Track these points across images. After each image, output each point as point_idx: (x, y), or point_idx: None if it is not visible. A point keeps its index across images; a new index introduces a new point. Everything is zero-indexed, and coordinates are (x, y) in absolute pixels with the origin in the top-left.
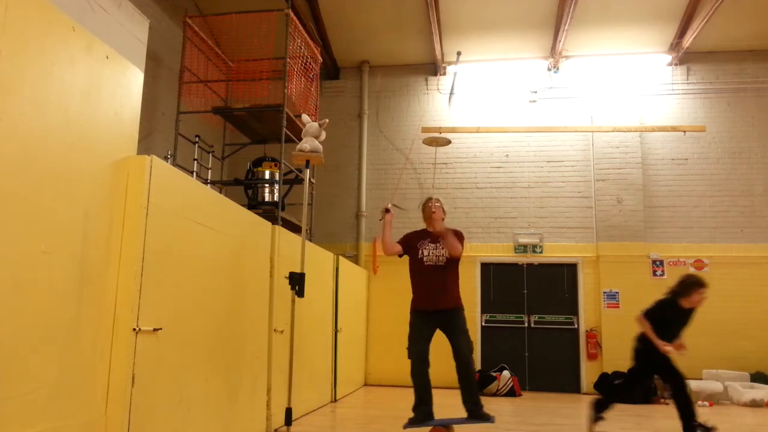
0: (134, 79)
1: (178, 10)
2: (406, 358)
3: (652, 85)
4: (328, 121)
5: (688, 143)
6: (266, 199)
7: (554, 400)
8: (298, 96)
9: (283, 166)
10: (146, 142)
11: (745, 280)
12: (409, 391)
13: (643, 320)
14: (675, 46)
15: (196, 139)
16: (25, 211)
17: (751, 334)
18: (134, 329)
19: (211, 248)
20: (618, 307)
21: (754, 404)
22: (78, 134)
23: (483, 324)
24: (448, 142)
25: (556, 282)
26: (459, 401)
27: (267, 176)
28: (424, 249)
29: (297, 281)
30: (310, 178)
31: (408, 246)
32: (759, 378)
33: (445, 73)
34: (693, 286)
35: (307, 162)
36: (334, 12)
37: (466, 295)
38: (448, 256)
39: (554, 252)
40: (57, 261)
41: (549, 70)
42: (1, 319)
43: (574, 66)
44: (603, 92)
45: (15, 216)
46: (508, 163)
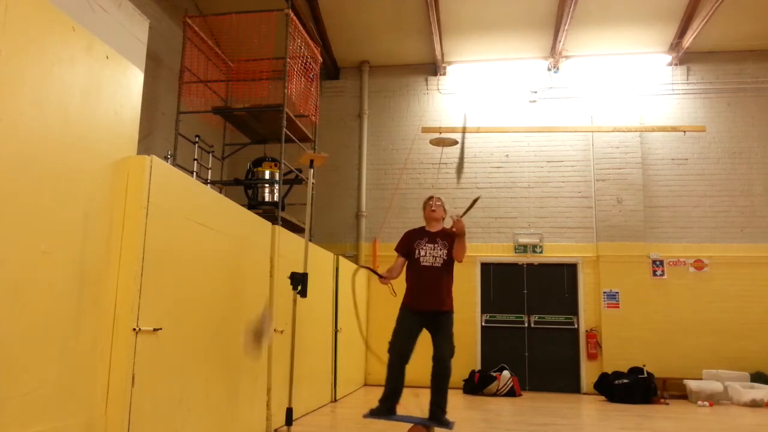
0: (134, 79)
1: (178, 10)
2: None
3: (652, 85)
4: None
5: (688, 143)
6: (266, 199)
7: (554, 400)
8: (298, 96)
9: (283, 166)
10: (146, 142)
11: (745, 280)
12: (409, 392)
13: None
14: (675, 46)
15: (196, 139)
16: (25, 211)
17: (751, 334)
18: (134, 329)
19: (211, 248)
20: (618, 307)
21: (754, 404)
22: (78, 134)
23: (483, 324)
24: (455, 143)
25: (556, 282)
26: (453, 402)
27: (267, 176)
28: (422, 249)
29: (299, 281)
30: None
31: (407, 248)
32: (759, 378)
33: (445, 73)
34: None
35: (311, 162)
36: (334, 12)
37: (466, 295)
38: (445, 258)
39: (554, 252)
40: (57, 261)
41: (549, 70)
42: (1, 319)
43: (574, 66)
44: (603, 92)
45: (15, 216)
46: (508, 163)
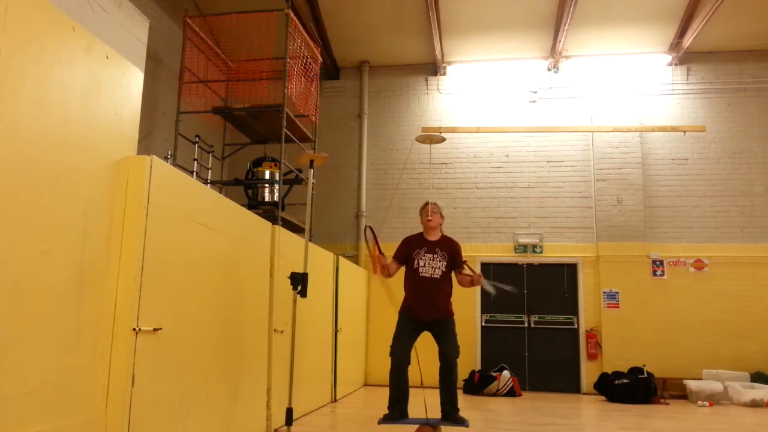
0: (134, 79)
1: (178, 10)
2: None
3: (652, 85)
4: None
5: (688, 143)
6: (266, 199)
7: (554, 400)
8: (298, 96)
9: (283, 166)
10: (146, 142)
11: (745, 280)
12: (418, 391)
13: None
14: (675, 46)
15: (196, 139)
16: (25, 211)
17: (751, 334)
18: (134, 329)
19: (211, 248)
20: (618, 307)
21: (754, 404)
22: (78, 134)
23: (483, 324)
24: (443, 140)
25: (556, 282)
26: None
27: (267, 176)
28: (420, 259)
29: (299, 281)
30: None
31: (405, 256)
32: (759, 378)
33: (445, 73)
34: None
35: (311, 162)
36: (334, 12)
37: (466, 295)
38: (444, 270)
39: (554, 252)
40: (57, 261)
41: (549, 70)
42: (1, 319)
43: (574, 66)
44: (603, 92)
45: (15, 216)
46: (508, 163)
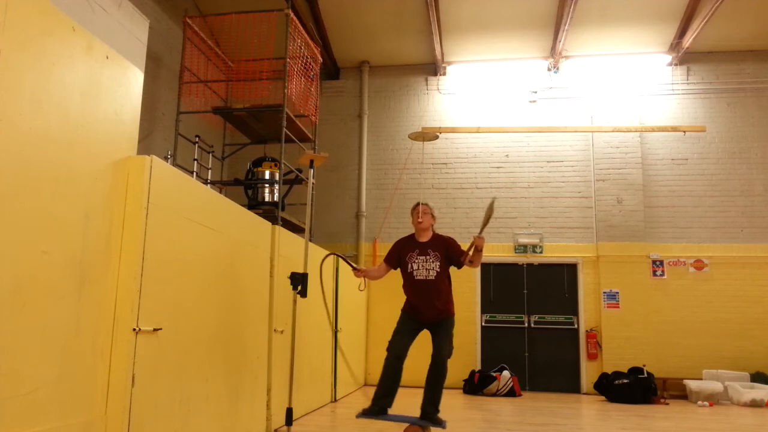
0: (134, 79)
1: (178, 10)
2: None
3: (652, 85)
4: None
5: (688, 143)
6: (266, 199)
7: (554, 400)
8: (298, 96)
9: (283, 166)
10: (146, 142)
11: (745, 280)
12: (409, 391)
13: None
14: (675, 46)
15: (196, 139)
16: (25, 211)
17: (751, 334)
18: (134, 329)
19: (211, 248)
20: (618, 307)
21: (754, 404)
22: (78, 134)
23: (483, 324)
24: (436, 137)
25: (556, 282)
26: (453, 402)
27: (267, 176)
28: (413, 263)
29: (299, 281)
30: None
31: (398, 259)
32: (759, 378)
33: (445, 73)
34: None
35: (311, 162)
36: (334, 12)
37: (466, 295)
38: (438, 270)
39: (554, 252)
40: (57, 261)
41: (549, 70)
42: (1, 319)
43: (574, 66)
44: (603, 92)
45: (15, 216)
46: (508, 163)
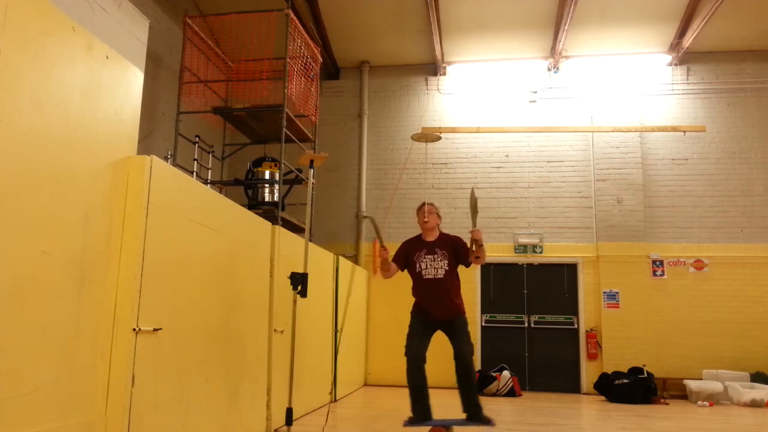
0: (134, 79)
1: (178, 10)
2: (403, 356)
3: (652, 85)
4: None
5: (688, 143)
6: (266, 199)
7: (554, 400)
8: (298, 96)
9: (283, 166)
10: (146, 142)
11: (745, 280)
12: (407, 393)
13: None
14: (675, 46)
15: (196, 139)
16: (25, 211)
17: (751, 334)
18: (134, 329)
19: (211, 248)
20: (618, 307)
21: (754, 404)
22: (78, 134)
23: (483, 324)
24: (439, 138)
25: (556, 282)
26: (457, 401)
27: (267, 176)
28: (421, 262)
29: (299, 281)
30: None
31: (405, 259)
32: (759, 378)
33: (445, 73)
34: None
35: (311, 162)
36: (334, 12)
37: (466, 295)
38: (447, 268)
39: (554, 252)
40: (57, 261)
41: (549, 70)
42: (1, 319)
43: (574, 66)
44: (603, 92)
45: (15, 216)
46: (508, 163)
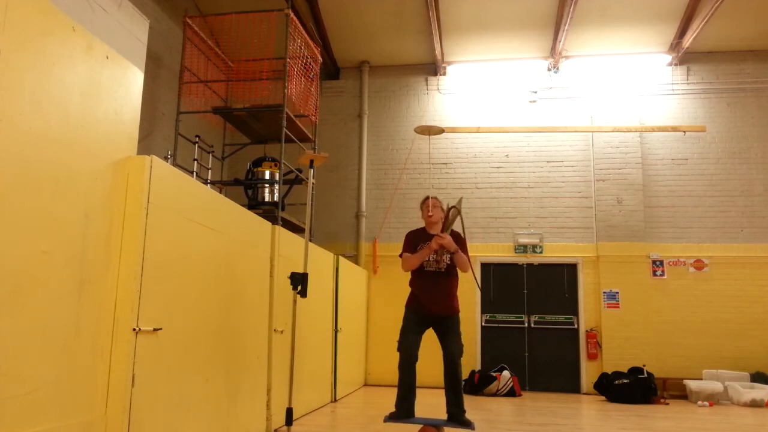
0: (134, 79)
1: (178, 10)
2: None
3: (652, 85)
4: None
5: (688, 143)
6: (266, 199)
7: (554, 400)
8: (298, 96)
9: (283, 166)
10: (146, 142)
11: (745, 280)
12: (419, 392)
13: None
14: (675, 46)
15: (196, 139)
16: (25, 211)
17: (751, 334)
18: (134, 329)
19: (211, 248)
20: (618, 307)
21: (754, 404)
22: (78, 134)
23: (483, 324)
24: (442, 131)
25: (556, 282)
26: (443, 401)
27: (267, 176)
28: None
29: (299, 281)
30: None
31: (413, 250)
32: (759, 378)
33: (445, 73)
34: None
35: (311, 162)
36: (334, 12)
37: (466, 295)
38: (449, 262)
39: (554, 252)
40: (57, 261)
41: (549, 70)
42: (1, 319)
43: (574, 66)
44: (603, 92)
45: (15, 216)
46: (508, 163)
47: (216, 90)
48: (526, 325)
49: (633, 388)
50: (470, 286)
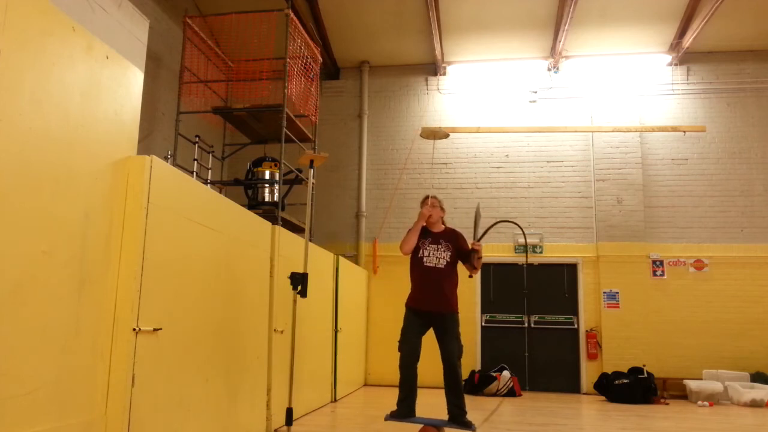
0: (134, 79)
1: (178, 10)
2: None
3: (652, 85)
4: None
5: (688, 143)
6: (266, 199)
7: (554, 400)
8: (298, 96)
9: (283, 166)
10: (146, 142)
11: (745, 280)
12: (420, 392)
13: None
14: (675, 46)
15: (196, 139)
16: (25, 211)
17: (751, 334)
18: (134, 329)
19: (211, 248)
20: (618, 307)
21: (754, 404)
22: (78, 134)
23: (483, 324)
24: (447, 135)
25: (556, 282)
26: (443, 401)
27: (267, 176)
28: (425, 249)
29: (299, 281)
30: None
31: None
32: (759, 378)
33: (445, 73)
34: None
35: (311, 162)
36: (334, 12)
37: (466, 296)
38: (449, 260)
39: (554, 252)
40: (57, 261)
41: (549, 70)
42: (1, 319)
43: (574, 66)
44: (603, 92)
45: (15, 216)
46: (508, 163)
47: (216, 90)
48: (526, 325)
49: (633, 388)
50: (470, 286)
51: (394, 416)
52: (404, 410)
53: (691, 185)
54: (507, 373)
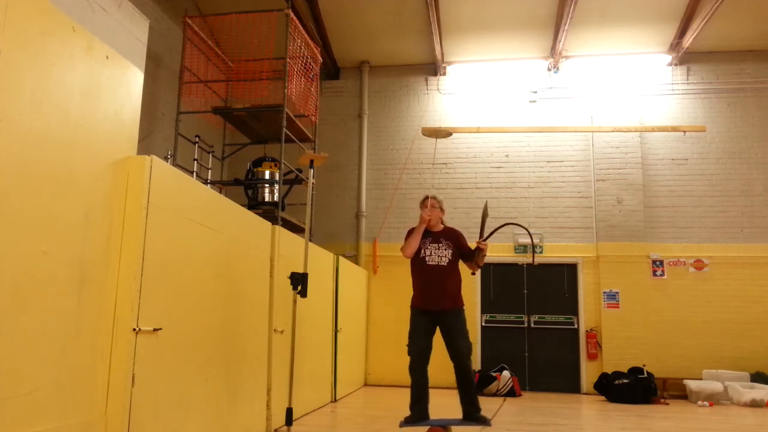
0: (134, 79)
1: (178, 10)
2: (406, 356)
3: (652, 85)
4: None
5: (688, 143)
6: (266, 199)
7: (554, 400)
8: (298, 96)
9: (283, 166)
10: (146, 142)
11: (745, 280)
12: (409, 392)
13: None
14: (675, 46)
15: (196, 139)
16: (25, 211)
17: (751, 334)
18: (134, 329)
19: (211, 248)
20: (618, 307)
21: (754, 404)
22: (78, 134)
23: (483, 324)
24: (449, 134)
25: (556, 282)
26: (456, 401)
27: (267, 176)
28: (426, 248)
29: (299, 281)
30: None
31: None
32: (759, 378)
33: (445, 73)
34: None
35: (311, 162)
36: (334, 12)
37: (466, 296)
38: (450, 258)
39: (554, 252)
40: (57, 261)
41: (549, 70)
42: (1, 319)
43: (574, 66)
44: (603, 92)
45: (15, 216)
46: (508, 163)
47: (216, 90)
48: (526, 325)
49: (633, 388)
50: (470, 286)
51: (408, 422)
52: (417, 415)
53: (691, 185)
54: (507, 373)
